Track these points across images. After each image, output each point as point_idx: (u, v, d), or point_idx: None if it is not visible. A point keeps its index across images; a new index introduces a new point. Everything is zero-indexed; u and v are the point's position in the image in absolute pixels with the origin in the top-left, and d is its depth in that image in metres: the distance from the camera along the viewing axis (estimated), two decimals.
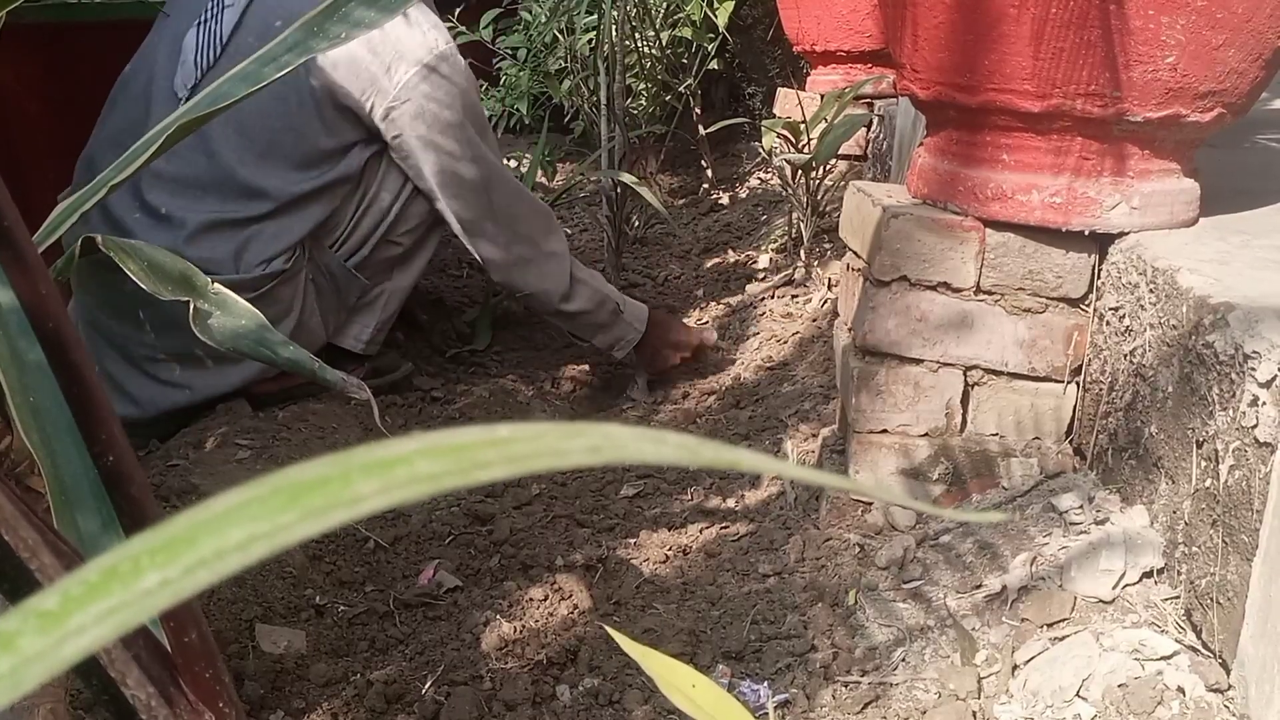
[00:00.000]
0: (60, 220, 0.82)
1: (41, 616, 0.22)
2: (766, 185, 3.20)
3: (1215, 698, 0.90)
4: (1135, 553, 1.06)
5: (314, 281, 1.85)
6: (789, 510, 1.48)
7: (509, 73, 3.82)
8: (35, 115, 2.34)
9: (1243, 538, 0.89)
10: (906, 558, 1.22)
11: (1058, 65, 1.12)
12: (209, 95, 0.80)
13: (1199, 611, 0.98)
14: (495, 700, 1.13)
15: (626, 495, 1.66)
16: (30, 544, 0.38)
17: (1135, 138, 1.17)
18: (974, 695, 1.02)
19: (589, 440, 0.26)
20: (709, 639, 1.21)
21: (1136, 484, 1.12)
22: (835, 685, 1.09)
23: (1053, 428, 1.29)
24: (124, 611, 0.21)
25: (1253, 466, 0.88)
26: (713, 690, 0.63)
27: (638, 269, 2.87)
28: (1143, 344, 1.11)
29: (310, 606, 1.30)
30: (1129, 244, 1.18)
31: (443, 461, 0.24)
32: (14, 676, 0.21)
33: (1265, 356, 0.88)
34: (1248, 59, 1.11)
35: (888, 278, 1.28)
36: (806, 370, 1.96)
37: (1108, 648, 0.98)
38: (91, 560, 0.23)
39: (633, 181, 2.47)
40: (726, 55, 3.50)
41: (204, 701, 0.46)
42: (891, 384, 1.31)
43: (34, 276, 0.40)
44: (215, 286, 0.87)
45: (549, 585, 1.35)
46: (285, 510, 0.23)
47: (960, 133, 1.27)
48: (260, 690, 1.13)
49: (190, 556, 0.22)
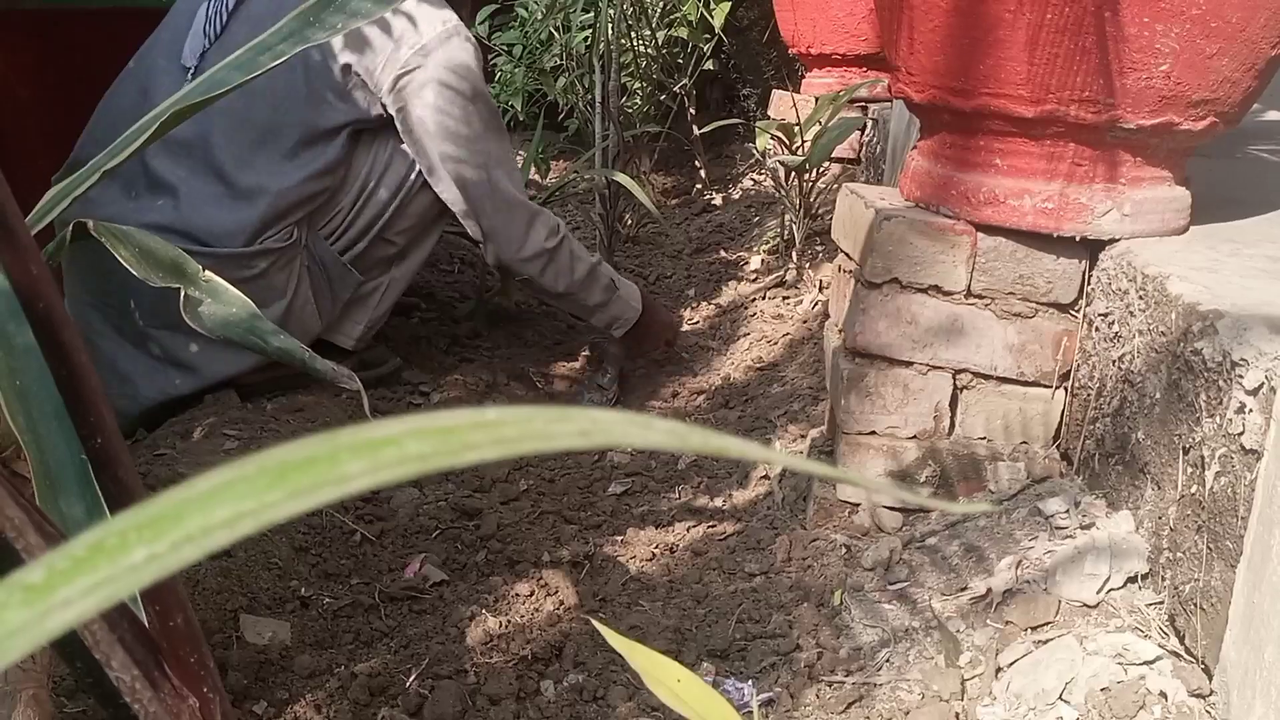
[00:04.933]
0: (52, 203, 0.81)
1: (27, 589, 0.22)
2: (760, 186, 3.20)
3: (1197, 703, 0.91)
4: (1120, 558, 1.06)
5: (309, 270, 1.84)
6: (776, 510, 1.48)
7: (504, 69, 3.82)
8: (27, 102, 2.33)
9: (1227, 544, 0.90)
10: (893, 559, 1.23)
11: (1052, 71, 1.12)
12: (205, 82, 0.80)
13: (1182, 617, 0.98)
14: (479, 694, 1.13)
15: (614, 493, 1.66)
16: (17, 523, 0.37)
17: (1128, 145, 1.17)
18: (957, 697, 1.02)
19: (577, 424, 0.26)
20: (694, 637, 1.21)
21: (1123, 489, 1.13)
22: (819, 685, 1.10)
23: (1040, 432, 1.30)
24: (110, 586, 0.21)
25: (1238, 473, 0.89)
26: (698, 686, 0.63)
27: (630, 268, 2.87)
28: (1131, 350, 1.12)
29: (295, 598, 1.29)
30: (1119, 250, 1.19)
31: (431, 442, 0.24)
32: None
33: (1253, 364, 0.88)
34: (1241, 68, 1.12)
35: (879, 280, 1.28)
36: (796, 371, 1.96)
37: (1091, 652, 0.98)
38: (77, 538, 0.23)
39: (626, 181, 2.47)
40: (722, 56, 3.50)
41: (188, 686, 0.46)
42: (881, 386, 1.31)
43: (25, 257, 0.40)
44: (206, 274, 0.87)
45: (535, 581, 1.35)
46: (272, 488, 0.23)
47: (954, 137, 1.27)
48: (244, 681, 1.13)
49: (177, 532, 0.22)
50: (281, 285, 1.79)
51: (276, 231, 1.77)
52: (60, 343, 0.41)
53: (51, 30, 2.37)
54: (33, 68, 2.34)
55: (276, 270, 1.78)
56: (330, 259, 1.86)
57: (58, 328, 0.41)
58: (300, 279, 1.83)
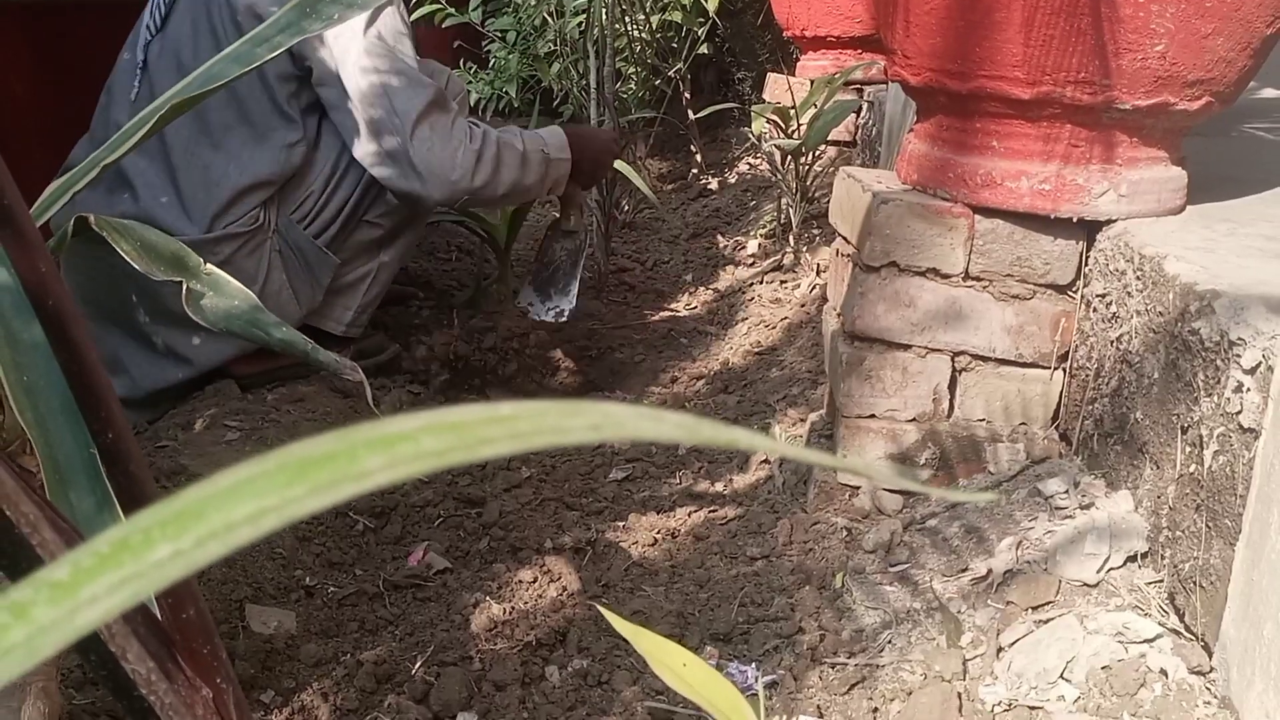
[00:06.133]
0: (52, 199, 0.82)
1: (54, 587, 0.22)
2: (756, 171, 3.20)
3: (1197, 680, 0.91)
4: (1120, 537, 1.07)
5: (281, 254, 1.83)
6: (777, 494, 1.49)
7: (498, 56, 3.81)
8: (21, 97, 2.32)
9: (1226, 522, 0.91)
10: (893, 541, 1.23)
11: (1048, 52, 1.12)
12: (202, 75, 0.80)
13: (1182, 595, 0.99)
14: (485, 680, 1.13)
15: (615, 479, 1.67)
16: (31, 519, 0.38)
17: (1124, 125, 1.17)
18: (959, 677, 1.03)
19: (589, 418, 0.26)
20: (697, 621, 1.22)
21: (1122, 469, 1.13)
22: (822, 667, 1.10)
23: (1039, 413, 1.30)
24: (136, 582, 0.22)
25: (1237, 452, 0.89)
26: (703, 669, 0.64)
27: (627, 254, 2.87)
28: (1129, 330, 1.12)
29: (300, 587, 1.30)
30: (1116, 231, 1.19)
31: (447, 438, 0.25)
32: (29, 645, 0.21)
33: (1250, 343, 0.88)
34: (1236, 48, 1.12)
35: (877, 263, 1.29)
36: (794, 355, 1.96)
37: (1091, 631, 0.99)
38: (95, 536, 0.24)
39: (623, 167, 2.47)
40: (716, 40, 3.49)
41: (201, 677, 0.46)
42: (880, 369, 1.32)
43: (34, 255, 0.40)
44: (208, 267, 0.87)
45: (538, 567, 1.36)
46: (293, 484, 0.23)
47: (951, 119, 1.27)
48: (251, 670, 1.14)
49: (201, 529, 0.23)
50: (251, 270, 1.78)
51: (240, 216, 1.76)
52: (70, 339, 0.42)
53: (46, 24, 2.37)
54: (28, 63, 2.33)
55: (244, 256, 1.77)
56: (305, 243, 1.84)
57: (67, 324, 0.42)
58: (272, 264, 1.82)
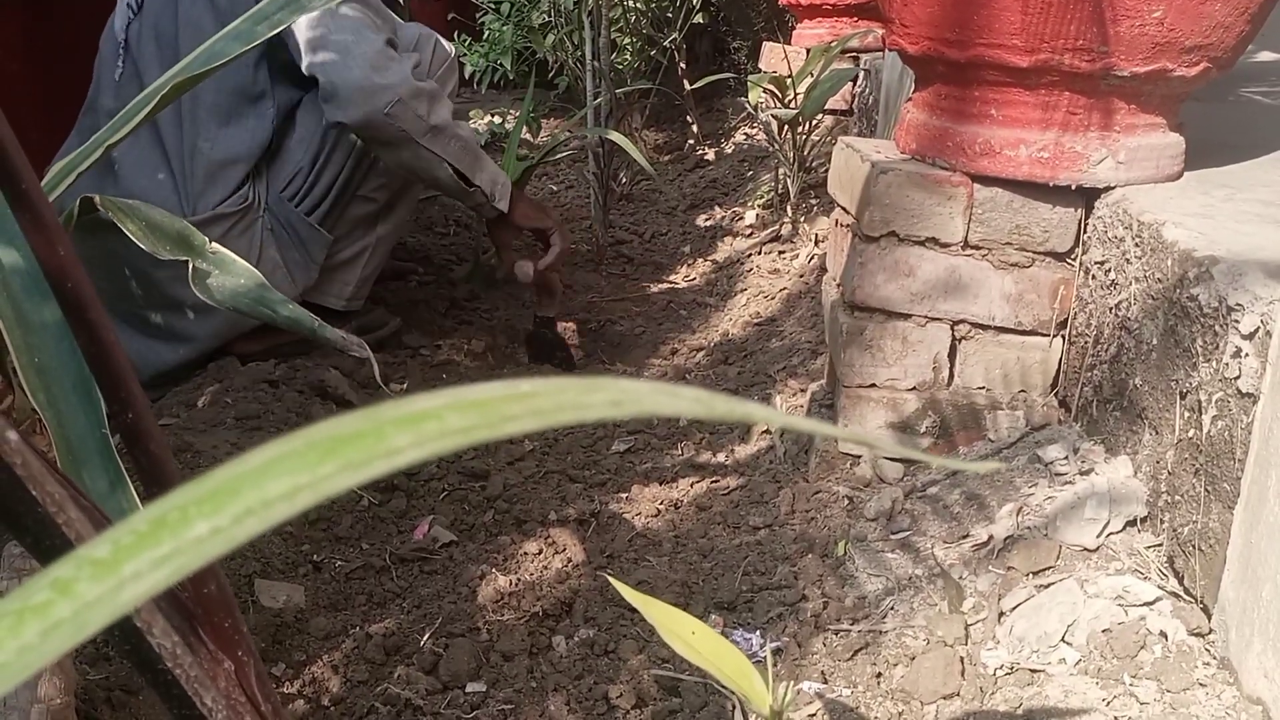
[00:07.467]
0: (56, 180, 0.82)
1: (95, 564, 0.23)
2: (752, 141, 3.19)
3: (1196, 641, 0.93)
4: (1119, 502, 1.08)
5: (273, 232, 1.83)
6: (779, 464, 1.50)
7: (492, 27, 3.79)
8: (15, 75, 2.31)
9: (1224, 486, 0.92)
10: (895, 509, 1.25)
11: (1046, 20, 1.12)
12: (204, 54, 0.80)
13: (1181, 558, 1.00)
14: (493, 651, 1.15)
15: (618, 450, 1.68)
16: (57, 499, 0.39)
17: (1122, 92, 1.18)
18: (962, 641, 1.04)
19: (609, 395, 0.27)
20: (701, 590, 1.23)
21: (1121, 435, 1.14)
22: (826, 633, 1.12)
23: (1039, 381, 1.31)
24: (178, 558, 0.22)
25: (1235, 417, 0.90)
26: (712, 637, 0.65)
27: (625, 225, 2.87)
28: (1128, 297, 1.13)
29: (308, 562, 1.31)
30: (1115, 198, 1.19)
31: (471, 416, 0.26)
32: (76, 620, 0.22)
33: (1249, 309, 0.89)
34: (1234, 13, 1.12)
35: (876, 233, 1.29)
36: (794, 326, 1.97)
37: (1092, 594, 1.00)
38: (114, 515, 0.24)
39: (620, 139, 2.47)
40: (711, 9, 3.47)
41: (223, 650, 0.47)
42: (880, 339, 1.32)
43: (52, 238, 0.41)
44: (214, 246, 0.88)
45: (543, 539, 1.37)
46: (325, 461, 0.24)
47: (949, 88, 1.27)
48: (261, 644, 1.15)
49: (237, 506, 0.23)
50: (243, 250, 1.78)
51: (227, 195, 1.76)
52: (89, 321, 0.42)
53: (36, 2, 2.35)
54: (21, 41, 2.32)
55: (235, 236, 1.77)
56: (297, 220, 1.84)
57: (86, 306, 0.42)
58: (264, 243, 1.82)
